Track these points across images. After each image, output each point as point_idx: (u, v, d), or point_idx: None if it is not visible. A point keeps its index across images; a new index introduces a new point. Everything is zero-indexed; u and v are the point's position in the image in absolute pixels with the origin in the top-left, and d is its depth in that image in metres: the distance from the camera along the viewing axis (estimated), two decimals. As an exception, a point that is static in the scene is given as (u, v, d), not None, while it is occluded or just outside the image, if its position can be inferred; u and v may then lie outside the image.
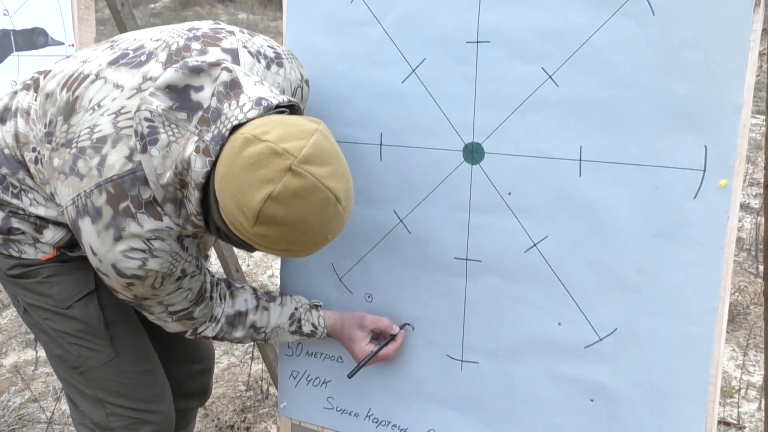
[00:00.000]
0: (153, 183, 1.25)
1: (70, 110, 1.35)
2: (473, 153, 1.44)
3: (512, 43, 1.35)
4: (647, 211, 1.26)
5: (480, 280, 1.48)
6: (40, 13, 2.18)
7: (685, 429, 1.27)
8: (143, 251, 1.29)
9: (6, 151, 1.44)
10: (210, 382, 2.02)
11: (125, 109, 1.30)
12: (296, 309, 1.61)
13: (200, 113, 1.22)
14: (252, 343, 1.60)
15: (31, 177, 1.43)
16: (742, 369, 2.95)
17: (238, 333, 1.57)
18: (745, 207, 4.61)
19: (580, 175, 1.32)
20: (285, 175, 1.11)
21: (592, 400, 1.37)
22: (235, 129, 1.20)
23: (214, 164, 1.20)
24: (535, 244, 1.39)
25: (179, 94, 1.24)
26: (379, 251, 1.60)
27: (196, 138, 1.21)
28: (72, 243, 1.49)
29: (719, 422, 2.65)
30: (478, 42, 1.39)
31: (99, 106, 1.32)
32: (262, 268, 4.10)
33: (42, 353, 3.33)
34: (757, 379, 2.90)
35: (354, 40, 1.53)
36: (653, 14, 1.21)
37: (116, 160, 1.27)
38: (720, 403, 2.76)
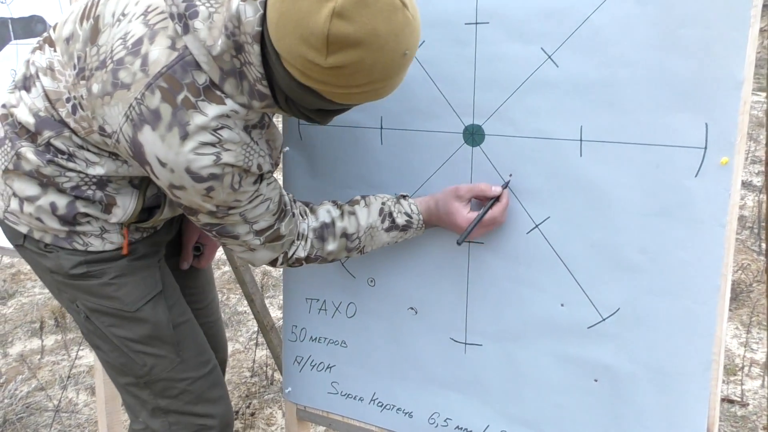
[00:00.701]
0: (205, 60, 1.16)
1: (94, 32, 1.26)
2: (473, 135, 1.43)
3: (511, 24, 1.34)
4: (648, 189, 1.26)
5: (482, 263, 1.48)
6: (37, 1, 2.16)
7: (688, 407, 1.27)
8: (213, 144, 1.19)
9: (41, 114, 1.34)
10: (224, 373, 2.02)
11: (152, 6, 1.21)
12: (383, 204, 1.46)
13: None
14: (347, 257, 1.47)
15: (76, 133, 1.33)
16: (745, 347, 2.95)
17: (331, 246, 1.44)
18: (747, 185, 4.60)
19: (580, 155, 1.32)
20: None
21: (596, 380, 1.38)
22: None
23: (265, 6, 1.11)
24: (536, 225, 1.39)
25: None
26: (380, 235, 1.60)
27: None
28: (142, 218, 1.44)
29: (723, 400, 2.66)
30: (477, 23, 1.38)
31: (123, 15, 1.23)
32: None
33: (48, 341, 3.35)
34: (761, 356, 2.91)
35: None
36: (652, -9, 1.20)
37: (159, 53, 1.17)
38: (723, 381, 2.76)
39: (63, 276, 1.44)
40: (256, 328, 3.33)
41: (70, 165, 1.34)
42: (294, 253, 1.43)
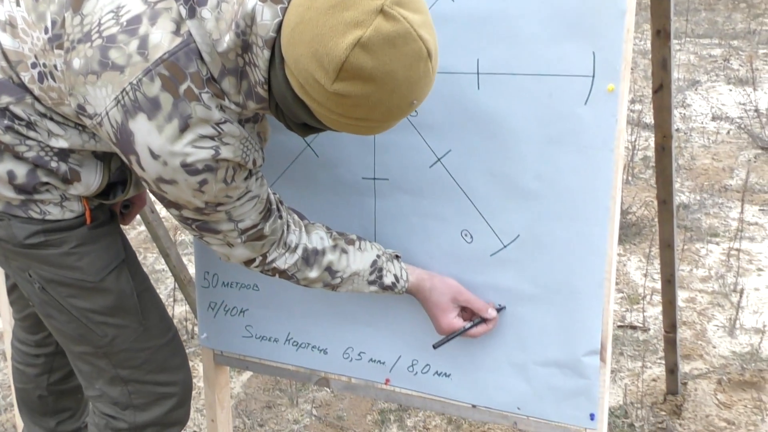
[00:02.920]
0: (208, 52, 1.07)
1: (77, 0, 1.14)
2: (375, 71, 1.44)
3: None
4: (542, 119, 1.30)
5: (388, 198, 1.50)
6: None
7: (584, 324, 1.35)
8: (213, 138, 1.11)
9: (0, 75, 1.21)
10: None
11: None
12: (378, 256, 1.41)
13: None
14: (317, 287, 1.41)
15: (39, 101, 1.22)
16: (646, 276, 3.12)
17: (312, 273, 1.37)
18: (651, 127, 4.80)
19: (478, 88, 1.35)
20: (376, 17, 0.94)
21: (500, 305, 1.43)
22: None
23: (284, 13, 1.03)
24: (439, 159, 1.42)
25: None
26: (288, 177, 1.60)
27: None
28: (107, 191, 1.36)
29: (626, 326, 2.82)
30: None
31: None
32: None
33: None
34: (660, 285, 3.08)
35: None
36: None
37: (161, 37, 1.07)
38: (627, 310, 2.93)
39: (14, 245, 1.33)
40: (174, 285, 3.29)
41: (31, 134, 1.24)
42: (273, 260, 1.35)
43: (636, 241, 3.47)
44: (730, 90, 5.51)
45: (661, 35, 1.33)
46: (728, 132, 4.76)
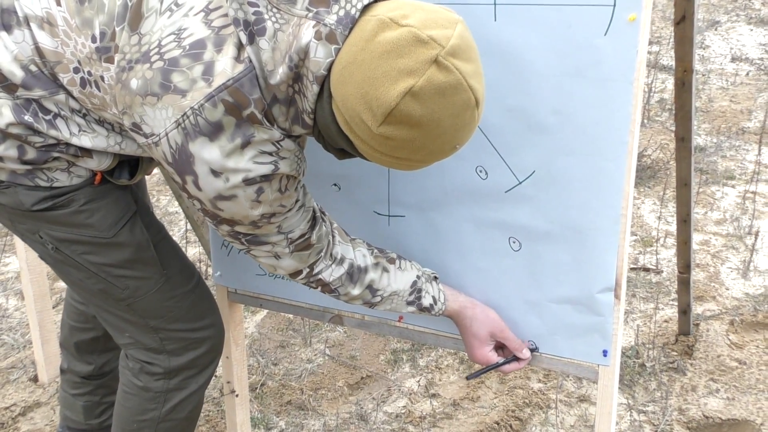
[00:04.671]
0: (261, 81, 1.09)
1: (135, 17, 1.14)
2: None
3: None
4: (561, 51, 1.27)
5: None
6: None
7: (599, 260, 1.34)
8: (272, 154, 1.13)
9: (32, 68, 1.20)
10: None
11: (214, 4, 1.10)
12: (418, 277, 1.41)
13: None
14: (356, 304, 1.42)
15: (77, 100, 1.23)
16: (660, 219, 3.10)
17: (355, 290, 1.38)
18: (668, 69, 4.71)
19: (495, 19, 1.31)
20: (430, 67, 0.96)
21: (514, 242, 1.43)
22: (364, 10, 1.04)
23: (337, 53, 1.04)
24: (454, 94, 1.39)
25: None
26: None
27: (314, 22, 1.05)
28: (113, 170, 1.36)
29: (639, 268, 2.81)
30: None
31: (177, 5, 1.11)
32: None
33: None
34: (674, 228, 3.06)
35: None
36: None
37: (226, 64, 1.08)
38: (640, 252, 2.92)
39: (21, 211, 1.32)
40: (186, 225, 3.31)
41: (52, 132, 1.23)
42: (320, 272, 1.35)
43: (651, 184, 3.44)
44: (751, 30, 5.37)
45: (686, -35, 1.28)
46: (747, 74, 4.67)
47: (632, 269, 2.82)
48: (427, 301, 1.42)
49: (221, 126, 1.09)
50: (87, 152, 1.28)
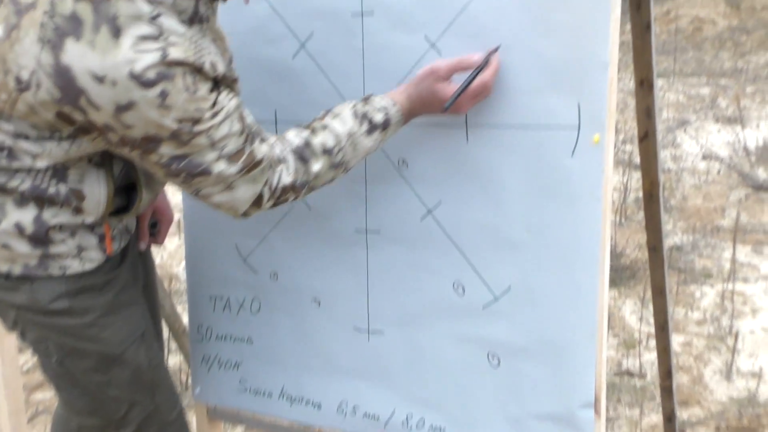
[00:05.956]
0: None
1: None
2: (365, 125, 1.45)
3: (395, 14, 1.37)
4: (531, 170, 1.31)
5: (380, 251, 1.50)
6: None
7: (578, 375, 1.34)
8: (155, 38, 1.01)
9: None
10: None
11: None
12: (354, 107, 1.29)
13: None
14: (333, 177, 1.30)
15: (7, 120, 1.12)
16: (641, 321, 3.11)
17: (316, 166, 1.26)
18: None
19: (467, 141, 1.36)
20: None
21: (493, 358, 1.43)
22: None
23: None
24: (430, 211, 1.43)
25: None
26: (281, 229, 1.60)
27: None
28: (120, 206, 1.28)
29: (624, 373, 2.79)
30: (362, 13, 1.40)
31: None
32: (177, 259, 4.02)
33: None
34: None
35: (243, 18, 1.51)
36: (524, -21, 1.25)
37: None
38: (623, 355, 2.91)
39: (37, 312, 1.27)
40: (168, 334, 3.27)
41: (15, 164, 1.16)
42: (279, 181, 1.24)
43: (631, 284, 3.46)
44: (719, 130, 5.57)
45: (645, 85, 1.35)
46: (718, 171, 4.80)
47: (616, 374, 2.80)
48: (379, 116, 1.29)
49: (78, 18, 0.99)
50: (78, 195, 1.21)
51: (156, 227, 1.64)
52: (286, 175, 1.24)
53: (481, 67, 1.28)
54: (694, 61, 7.81)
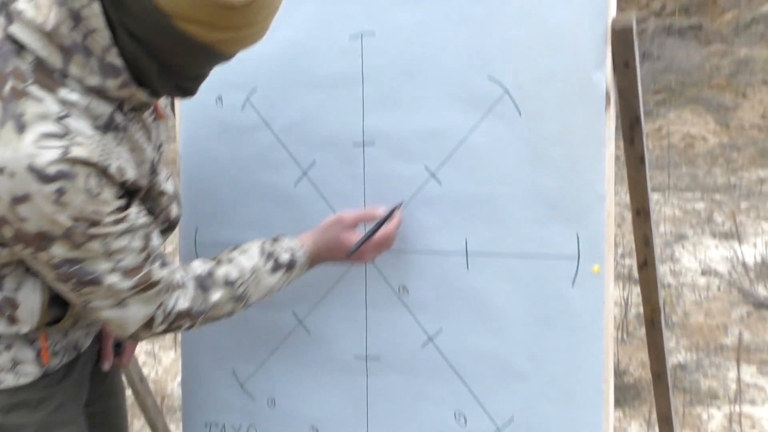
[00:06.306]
0: (40, 43, 1.00)
1: None
2: (366, 251, 1.47)
3: (395, 145, 1.41)
4: (531, 300, 1.31)
5: (380, 378, 1.48)
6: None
7: None
8: (60, 136, 1.00)
9: None
10: None
11: None
12: (263, 245, 1.32)
13: None
14: (232, 311, 1.28)
15: None
16: (649, 444, 3.01)
17: (215, 296, 1.24)
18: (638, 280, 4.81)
19: (467, 268, 1.37)
20: None
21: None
22: None
23: None
24: (430, 339, 1.42)
25: None
26: (280, 354, 1.58)
27: None
28: (54, 316, 1.22)
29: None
30: (364, 144, 1.45)
31: None
32: (172, 374, 3.94)
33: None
34: (665, 453, 2.97)
35: (246, 145, 1.56)
36: (520, 115, 1.30)
37: None
38: (632, 481, 2.79)
39: None
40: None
41: None
42: (174, 305, 1.20)
43: (635, 405, 3.38)
44: (716, 246, 5.61)
45: (641, 214, 1.38)
46: (718, 287, 4.79)
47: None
48: (285, 256, 1.31)
49: None
50: (11, 303, 1.16)
51: (121, 347, 1.61)
52: (183, 301, 1.21)
53: (384, 220, 1.36)
54: (687, 176, 7.97)
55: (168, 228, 1.39)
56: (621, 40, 1.18)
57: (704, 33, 9.92)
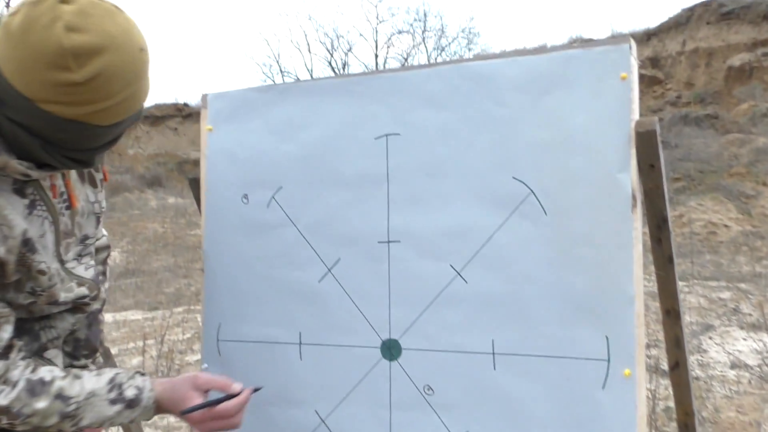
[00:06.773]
0: None
1: None
2: (390, 349, 1.45)
3: (421, 243, 1.42)
4: (561, 402, 1.28)
5: (405, 482, 1.43)
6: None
7: None
8: None
9: None
10: None
11: None
12: (117, 374, 1.31)
13: None
14: (58, 424, 1.25)
15: None
16: None
17: (41, 404, 1.22)
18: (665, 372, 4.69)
19: (494, 368, 1.35)
20: (60, 5, 1.04)
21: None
22: None
23: None
24: (457, 441, 1.38)
25: None
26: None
27: None
28: None
29: None
30: (389, 242, 1.45)
31: None
32: (186, 469, 3.84)
33: None
34: None
35: (271, 242, 1.57)
36: (545, 214, 1.30)
37: None
38: None
39: None
40: None
41: None
42: None
43: (669, 506, 3.23)
44: (744, 338, 5.48)
45: (671, 315, 1.36)
46: (749, 382, 4.65)
47: None
48: (130, 392, 1.29)
49: None
50: None
51: None
52: (2, 398, 1.21)
53: (232, 397, 1.33)
54: (711, 264, 7.89)
55: (75, 309, 1.38)
56: (645, 142, 1.19)
57: (721, 122, 10.03)
